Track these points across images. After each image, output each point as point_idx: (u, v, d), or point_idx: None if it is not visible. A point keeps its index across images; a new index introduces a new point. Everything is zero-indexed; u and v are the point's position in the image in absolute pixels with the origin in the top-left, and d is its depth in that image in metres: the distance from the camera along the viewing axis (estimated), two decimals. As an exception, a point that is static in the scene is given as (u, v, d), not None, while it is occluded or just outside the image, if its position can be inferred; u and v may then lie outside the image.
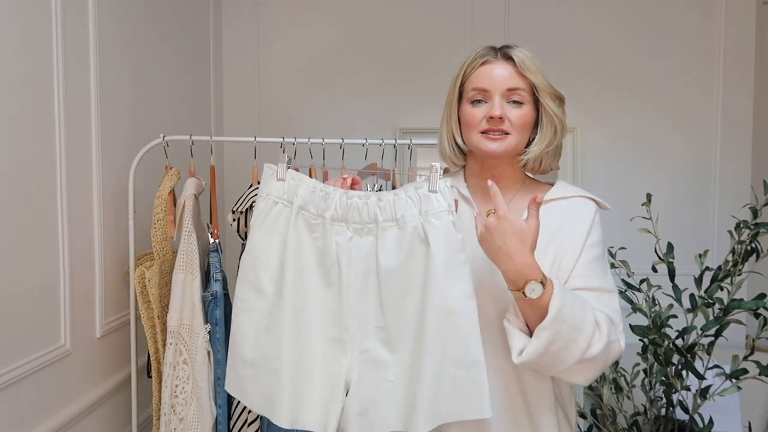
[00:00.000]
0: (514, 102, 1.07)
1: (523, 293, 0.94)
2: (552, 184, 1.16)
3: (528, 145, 1.12)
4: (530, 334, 0.98)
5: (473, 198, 1.14)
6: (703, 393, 1.77)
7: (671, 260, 1.85)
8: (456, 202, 1.02)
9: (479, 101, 1.08)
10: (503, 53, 1.09)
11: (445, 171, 1.22)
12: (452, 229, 1.00)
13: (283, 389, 1.03)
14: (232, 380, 1.10)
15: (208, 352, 1.53)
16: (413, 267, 1.01)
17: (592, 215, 1.10)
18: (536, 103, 1.09)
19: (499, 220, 0.96)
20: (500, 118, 1.06)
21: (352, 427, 1.00)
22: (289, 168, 1.10)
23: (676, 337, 1.80)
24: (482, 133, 1.08)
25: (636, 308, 1.84)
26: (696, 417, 1.79)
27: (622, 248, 1.99)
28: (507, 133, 1.07)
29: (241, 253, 1.43)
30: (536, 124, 1.11)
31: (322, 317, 1.05)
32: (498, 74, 1.07)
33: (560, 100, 1.10)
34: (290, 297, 1.05)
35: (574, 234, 1.07)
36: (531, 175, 1.19)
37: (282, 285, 1.05)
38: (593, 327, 0.96)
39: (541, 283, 0.94)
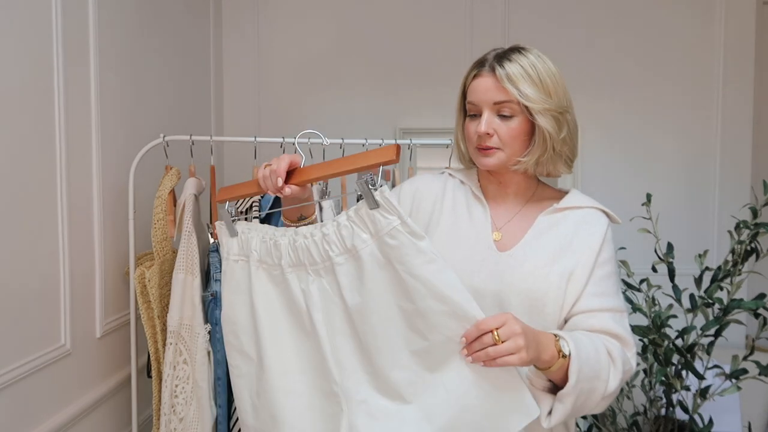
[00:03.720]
0: (504, 115, 1.04)
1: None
2: (566, 192, 1.14)
3: None
4: (553, 386, 0.96)
5: (485, 198, 1.14)
6: (703, 393, 1.77)
7: (671, 260, 1.85)
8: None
9: (474, 115, 1.07)
10: (491, 65, 1.05)
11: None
12: (412, 241, 0.86)
13: None
14: None
15: (208, 352, 1.53)
16: (384, 297, 0.89)
17: (604, 230, 1.07)
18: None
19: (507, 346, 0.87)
20: (487, 134, 1.04)
21: None
22: (235, 220, 1.02)
23: (676, 337, 1.80)
24: (477, 148, 1.07)
25: (636, 308, 1.84)
26: (696, 417, 1.79)
27: (622, 248, 1.99)
28: (498, 149, 1.05)
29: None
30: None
31: (309, 373, 0.96)
32: (484, 88, 1.04)
33: (555, 111, 1.03)
34: (271, 359, 0.98)
35: (586, 248, 1.05)
36: (545, 181, 1.16)
37: (261, 348, 0.99)
38: (608, 367, 0.96)
39: (561, 355, 0.91)
